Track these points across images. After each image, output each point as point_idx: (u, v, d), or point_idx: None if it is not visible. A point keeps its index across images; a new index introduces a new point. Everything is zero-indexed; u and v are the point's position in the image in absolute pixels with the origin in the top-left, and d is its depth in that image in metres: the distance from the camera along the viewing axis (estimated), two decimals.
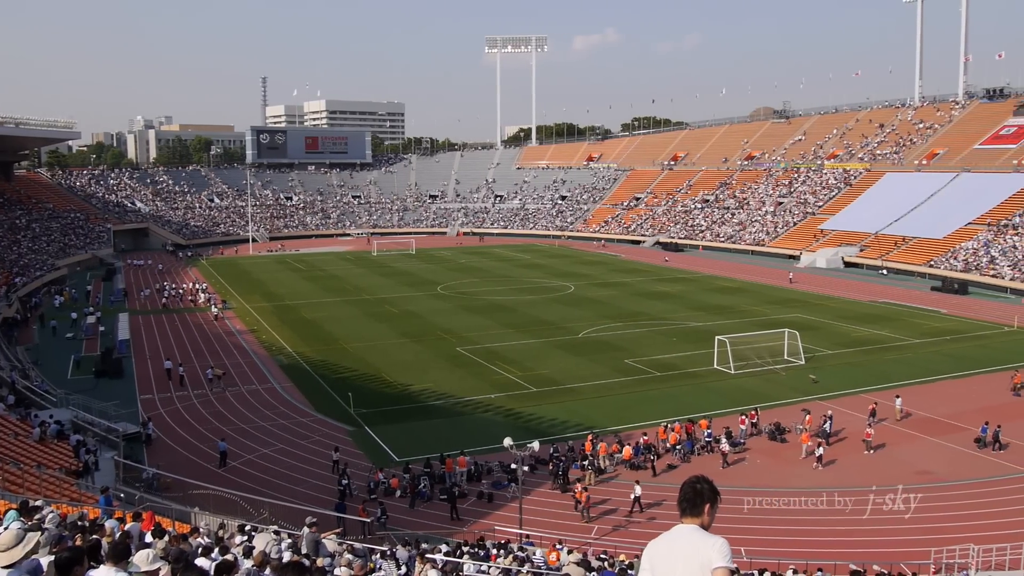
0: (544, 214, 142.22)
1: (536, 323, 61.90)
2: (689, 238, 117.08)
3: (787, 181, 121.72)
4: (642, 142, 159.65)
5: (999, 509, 29.19)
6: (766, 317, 62.56)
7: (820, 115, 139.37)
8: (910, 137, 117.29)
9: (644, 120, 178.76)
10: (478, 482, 32.20)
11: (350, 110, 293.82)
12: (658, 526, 28.56)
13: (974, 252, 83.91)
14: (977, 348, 53.96)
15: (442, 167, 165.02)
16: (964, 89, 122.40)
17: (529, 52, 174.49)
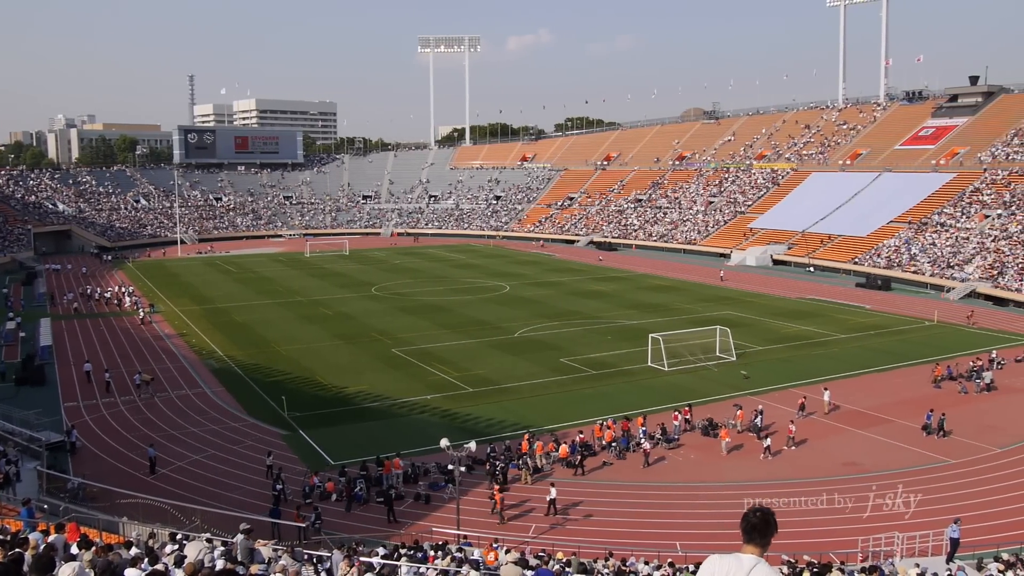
0: (479, 214, 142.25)
1: (472, 323, 61.86)
2: (623, 237, 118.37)
3: (717, 181, 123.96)
4: (575, 142, 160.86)
5: (922, 498, 30.17)
6: (698, 315, 63.59)
7: (748, 116, 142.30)
8: (834, 138, 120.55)
9: (577, 120, 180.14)
10: (415, 484, 32.03)
11: (281, 109, 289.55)
12: (594, 523, 28.83)
13: (896, 249, 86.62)
14: (900, 342, 55.72)
15: (375, 167, 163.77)
16: (885, 91, 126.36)
17: (462, 52, 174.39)
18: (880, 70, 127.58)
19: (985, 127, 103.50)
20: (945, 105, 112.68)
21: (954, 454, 34.71)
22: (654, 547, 26.02)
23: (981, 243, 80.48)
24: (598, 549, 25.53)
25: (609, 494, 31.43)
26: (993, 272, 74.41)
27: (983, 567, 23.31)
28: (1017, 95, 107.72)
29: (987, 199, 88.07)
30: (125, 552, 14.48)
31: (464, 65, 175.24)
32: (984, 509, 29.18)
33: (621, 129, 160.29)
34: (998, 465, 33.53)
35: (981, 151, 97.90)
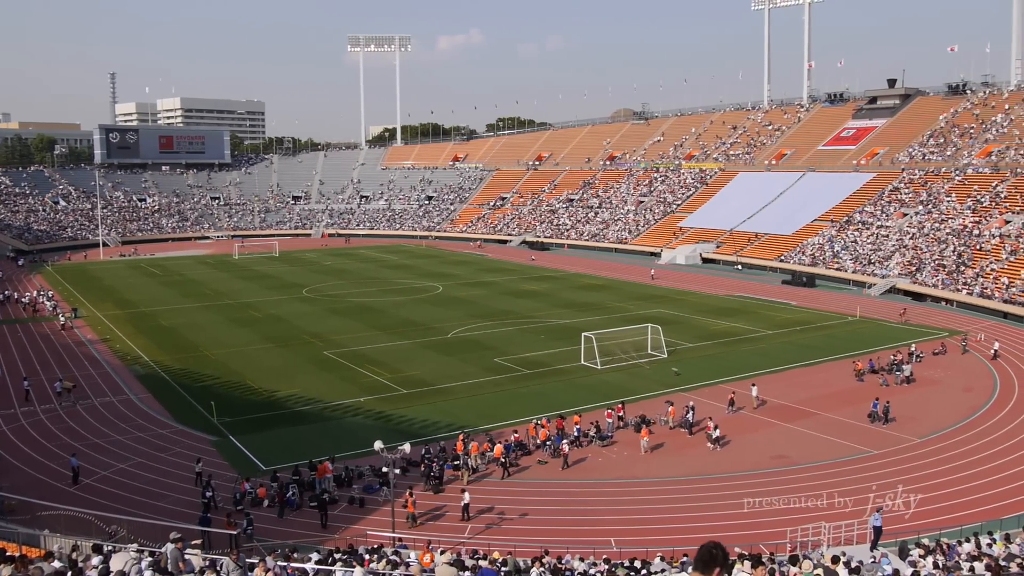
0: (411, 214, 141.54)
1: (405, 324, 61.52)
2: (555, 237, 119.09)
3: (647, 181, 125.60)
4: (507, 142, 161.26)
5: (847, 488, 31.06)
6: (630, 313, 64.35)
7: (677, 117, 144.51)
8: (760, 138, 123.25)
9: (509, 121, 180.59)
10: (348, 487, 31.71)
11: (207, 108, 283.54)
12: (529, 522, 28.93)
13: (820, 247, 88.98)
14: (824, 337, 57.25)
15: (305, 167, 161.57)
16: (808, 93, 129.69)
17: (392, 51, 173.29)
18: (803, 72, 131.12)
19: (903, 128, 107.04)
20: (865, 107, 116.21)
21: (876, 445, 35.81)
22: (589, 544, 26.24)
23: (900, 241, 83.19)
24: (534, 548, 25.63)
25: (544, 492, 31.59)
26: (911, 268, 76.98)
27: (906, 553, 24.09)
28: (932, 97, 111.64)
29: (905, 198, 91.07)
30: (47, 566, 14.02)
31: (395, 64, 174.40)
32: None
33: (552, 129, 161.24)
34: (919, 455, 34.71)
35: (899, 151, 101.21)
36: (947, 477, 32.17)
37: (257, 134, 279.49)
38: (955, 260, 74.91)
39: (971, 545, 23.68)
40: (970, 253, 75.09)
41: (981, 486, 31.27)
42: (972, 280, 70.34)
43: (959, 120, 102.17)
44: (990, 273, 70.21)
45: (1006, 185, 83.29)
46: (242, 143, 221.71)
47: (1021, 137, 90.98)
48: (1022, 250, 71.46)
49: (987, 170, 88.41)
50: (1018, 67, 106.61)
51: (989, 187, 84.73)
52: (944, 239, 79.64)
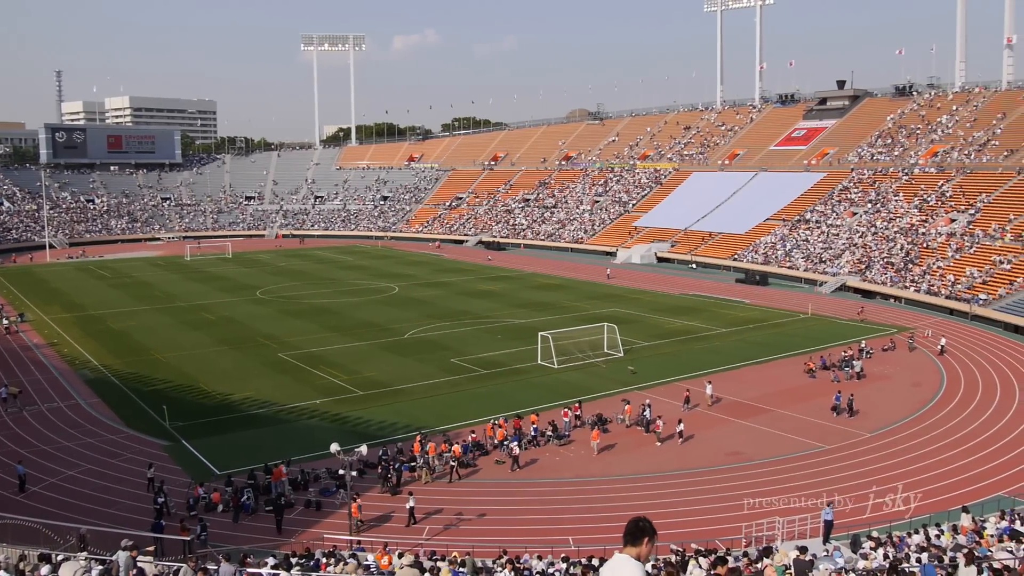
0: (366, 215, 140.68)
1: (361, 325, 61.12)
2: (511, 237, 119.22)
3: (603, 180, 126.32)
4: (463, 142, 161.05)
5: (800, 483, 31.57)
6: (586, 312, 64.65)
7: (632, 117, 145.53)
8: (713, 139, 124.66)
9: (464, 121, 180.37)
10: (305, 490, 31.40)
11: (157, 107, 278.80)
12: (487, 523, 28.92)
13: (772, 246, 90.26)
14: (777, 335, 58.08)
15: (258, 167, 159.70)
16: (760, 94, 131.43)
17: (347, 50, 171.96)
18: (755, 73, 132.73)
19: (852, 129, 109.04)
20: (815, 108, 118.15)
21: (828, 440, 36.42)
22: (547, 543, 26.29)
23: (850, 239, 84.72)
24: (492, 548, 25.62)
25: (501, 492, 31.60)
26: (861, 266, 78.44)
27: (858, 546, 24.52)
28: (880, 99, 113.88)
29: (855, 197, 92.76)
30: None
31: (349, 64, 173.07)
32: (856, 491, 30.72)
33: (508, 129, 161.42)
34: (869, 449, 35.38)
35: (848, 152, 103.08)
36: (897, 471, 32.81)
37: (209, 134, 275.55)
38: (903, 258, 76.50)
39: (920, 537, 24.19)
40: (917, 251, 76.75)
41: (930, 479, 31.95)
42: (919, 278, 71.88)
43: (906, 121, 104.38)
44: (936, 271, 71.81)
45: (951, 185, 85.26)
46: (193, 143, 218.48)
47: (965, 138, 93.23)
48: (967, 248, 73.20)
49: (933, 170, 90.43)
50: (962, 69, 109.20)
51: (935, 187, 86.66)
52: (892, 237, 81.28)
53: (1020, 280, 63.66)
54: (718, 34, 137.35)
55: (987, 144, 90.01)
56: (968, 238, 74.80)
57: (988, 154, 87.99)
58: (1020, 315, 58.90)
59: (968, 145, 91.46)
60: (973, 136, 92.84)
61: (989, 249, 71.24)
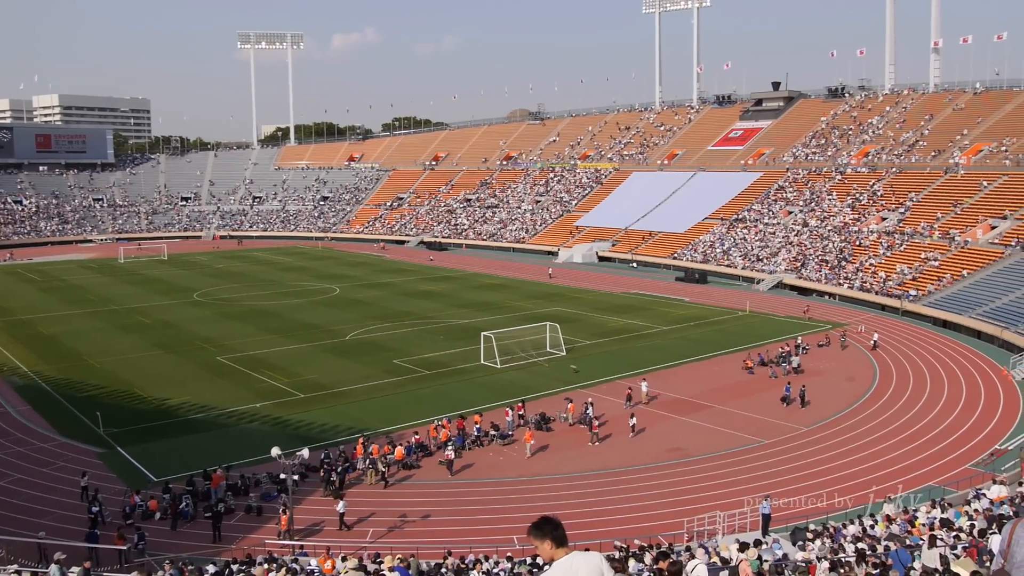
0: (306, 215, 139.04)
1: (301, 327, 60.40)
2: (453, 237, 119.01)
3: (544, 180, 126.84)
4: (403, 142, 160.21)
5: (739, 477, 32.13)
6: (528, 312, 64.83)
7: (572, 117, 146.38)
8: (652, 139, 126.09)
9: (405, 120, 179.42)
10: (245, 496, 30.90)
11: (88, 106, 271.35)
12: (431, 524, 28.82)
13: (711, 244, 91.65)
14: (716, 332, 58.99)
15: (194, 167, 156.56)
16: (698, 95, 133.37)
17: (284, 49, 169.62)
18: (693, 75, 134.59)
19: (787, 129, 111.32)
20: (751, 109, 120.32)
21: (766, 434, 37.12)
22: (492, 543, 26.30)
23: (786, 237, 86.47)
24: (437, 549, 25.54)
25: (445, 493, 31.52)
26: (797, 264, 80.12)
27: (797, 538, 25.03)
28: (814, 100, 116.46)
29: (790, 196, 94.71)
30: None
31: (287, 62, 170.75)
32: (794, 484, 31.39)
33: (449, 129, 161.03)
34: (806, 443, 36.16)
35: (784, 152, 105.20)
36: (833, 463, 33.61)
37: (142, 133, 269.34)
38: (837, 256, 78.34)
39: (856, 527, 24.79)
40: (850, 249, 78.67)
41: (865, 470, 32.79)
42: (853, 275, 73.70)
43: (838, 122, 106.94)
44: (869, 268, 73.71)
45: (882, 184, 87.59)
46: (126, 142, 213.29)
47: (895, 138, 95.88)
48: (897, 246, 75.27)
49: (864, 170, 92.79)
50: (891, 72, 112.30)
51: (867, 186, 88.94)
52: (826, 236, 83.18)
53: (948, 277, 65.70)
54: (656, 36, 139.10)
55: (915, 145, 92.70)
56: (898, 236, 76.92)
57: (917, 154, 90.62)
58: (948, 311, 60.77)
59: (898, 146, 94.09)
60: (902, 137, 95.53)
61: (918, 246, 73.37)
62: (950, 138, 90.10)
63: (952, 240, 71.35)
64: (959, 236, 71.36)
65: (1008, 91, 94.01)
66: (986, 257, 66.41)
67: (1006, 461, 33.09)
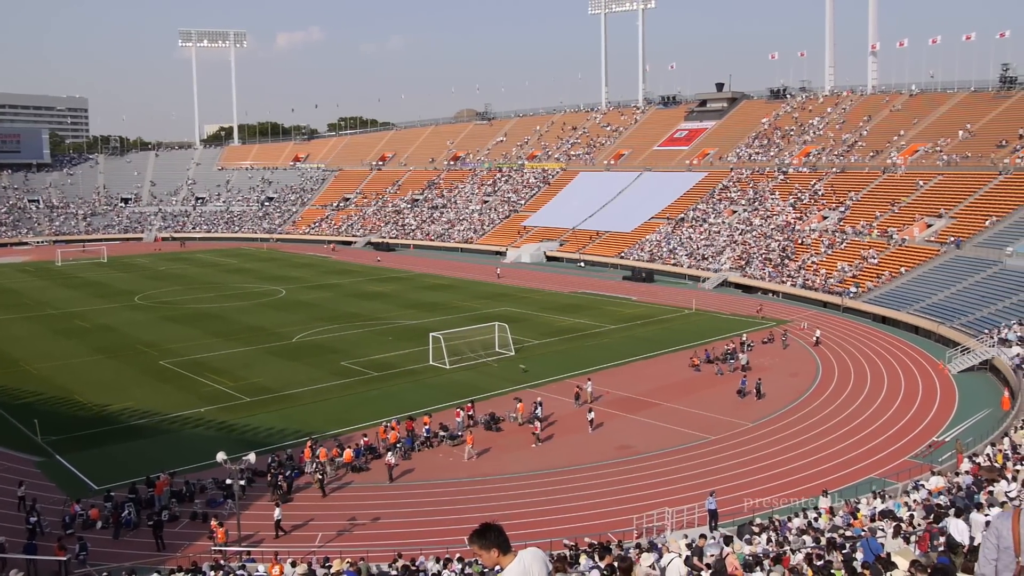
0: (250, 216, 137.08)
1: (247, 330, 59.54)
2: (400, 237, 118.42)
3: (491, 180, 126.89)
4: (350, 142, 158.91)
5: (686, 474, 32.53)
6: (477, 312, 64.79)
7: (519, 118, 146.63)
8: (599, 139, 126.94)
9: (351, 120, 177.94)
10: (190, 502, 30.36)
11: (22, 104, 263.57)
12: (381, 526, 28.63)
13: (657, 244, 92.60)
14: (663, 330, 59.62)
15: (135, 168, 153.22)
16: (643, 96, 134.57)
17: (227, 47, 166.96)
18: (638, 75, 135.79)
19: (730, 130, 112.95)
20: (696, 109, 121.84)
21: (713, 431, 37.63)
22: (442, 544, 26.22)
23: (730, 236, 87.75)
24: (387, 552, 25.40)
25: (394, 495, 31.36)
26: (741, 263, 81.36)
27: (744, 532, 25.40)
28: (756, 101, 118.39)
29: (734, 196, 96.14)
30: None
31: (230, 61, 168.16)
32: (740, 479, 31.88)
33: (396, 129, 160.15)
34: (751, 438, 36.74)
35: (728, 152, 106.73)
36: (778, 458, 34.23)
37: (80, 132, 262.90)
38: (780, 254, 79.73)
39: (800, 520, 25.26)
40: (793, 247, 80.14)
41: (808, 464, 33.46)
42: (795, 272, 75.08)
43: (780, 123, 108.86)
44: (811, 266, 75.17)
45: (823, 184, 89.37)
46: (63, 142, 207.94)
47: (835, 139, 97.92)
48: (838, 244, 76.89)
49: (806, 169, 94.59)
50: (831, 74, 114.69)
51: (808, 185, 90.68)
52: (770, 234, 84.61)
53: (887, 274, 67.30)
54: (602, 36, 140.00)
55: (855, 145, 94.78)
56: (839, 234, 78.57)
57: (856, 155, 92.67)
58: (887, 307, 62.26)
59: (838, 146, 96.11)
60: (842, 138, 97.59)
61: (858, 245, 75.03)
62: (888, 139, 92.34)
63: (890, 238, 73.12)
64: (897, 234, 73.16)
65: (942, 93, 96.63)
66: (923, 255, 68.20)
67: (943, 452, 34.02)
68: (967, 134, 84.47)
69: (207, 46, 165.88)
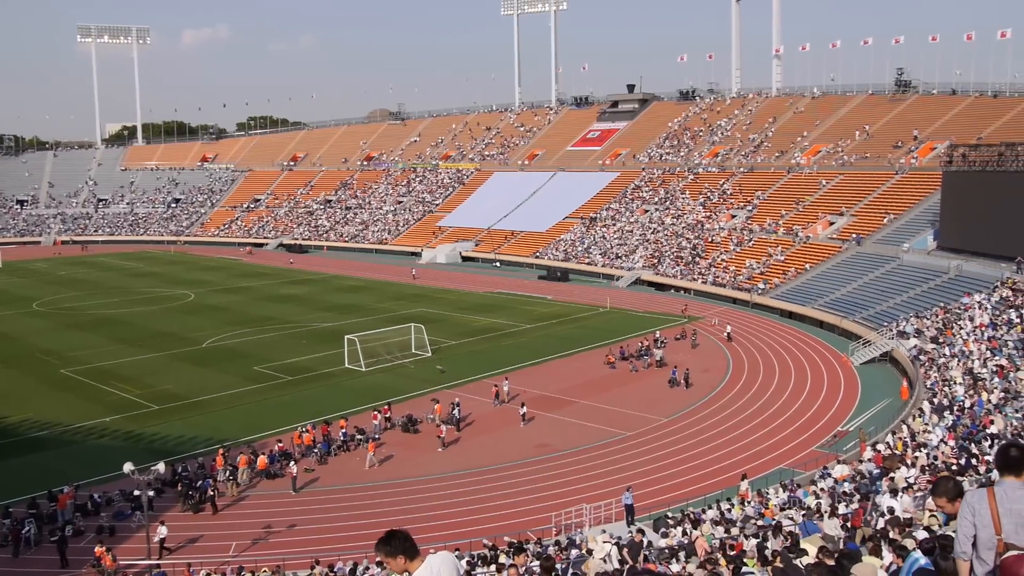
0: (156, 218, 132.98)
1: (154, 336, 57.75)
2: (314, 239, 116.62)
3: (405, 181, 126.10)
4: (260, 142, 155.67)
5: (603, 470, 32.92)
6: (393, 313, 64.28)
7: (433, 118, 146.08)
8: (513, 139, 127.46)
9: (261, 120, 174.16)
10: (96, 516, 29.24)
11: None
12: (297, 533, 28.14)
13: (572, 243, 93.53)
14: (578, 329, 60.23)
15: (31, 168, 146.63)
16: (556, 96, 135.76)
17: (129, 43, 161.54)
18: (551, 76, 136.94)
19: (642, 130, 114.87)
20: (608, 110, 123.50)
21: (629, 427, 38.19)
22: (360, 549, 25.91)
23: (643, 235, 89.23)
24: (305, 558, 24.98)
25: (311, 501, 30.86)
26: (654, 261, 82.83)
27: (660, 526, 25.86)
28: (667, 102, 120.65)
29: (646, 195, 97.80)
30: None
31: (133, 58, 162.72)
32: (655, 474, 32.46)
33: (307, 129, 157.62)
34: (665, 433, 37.45)
35: (639, 152, 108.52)
36: (692, 451, 34.96)
37: None
38: (691, 252, 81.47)
39: (714, 511, 25.85)
40: (703, 245, 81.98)
41: (721, 457, 34.27)
42: (706, 270, 76.83)
43: (690, 124, 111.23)
44: (721, 263, 77.03)
45: (731, 183, 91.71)
46: None
47: (742, 140, 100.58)
48: (746, 242, 79.00)
49: (715, 169, 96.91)
50: (737, 76, 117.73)
51: (717, 185, 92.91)
52: (681, 233, 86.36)
53: (792, 270, 69.45)
54: (515, 37, 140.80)
55: (761, 146, 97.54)
56: (747, 233, 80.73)
57: (762, 155, 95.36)
58: (793, 302, 64.26)
59: (745, 146, 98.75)
60: (749, 138, 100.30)
61: (765, 242, 77.23)
62: (792, 139, 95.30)
63: (795, 236, 75.48)
64: (801, 232, 75.57)
65: (842, 96, 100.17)
66: (826, 251, 70.63)
67: (848, 442, 35.30)
68: (865, 135, 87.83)
69: (108, 42, 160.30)
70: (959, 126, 79.20)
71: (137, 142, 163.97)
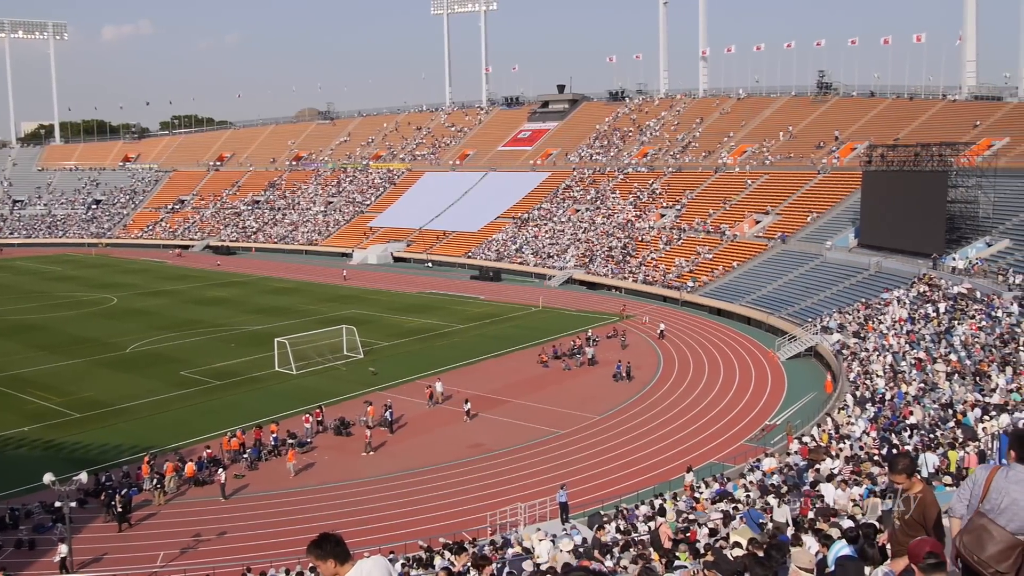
0: (76, 220, 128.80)
1: (74, 341, 55.95)
2: (241, 240, 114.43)
3: (335, 181, 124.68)
4: (184, 142, 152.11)
5: (537, 468, 33.06)
6: (324, 315, 63.50)
7: (363, 117, 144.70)
8: (444, 139, 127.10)
9: (185, 119, 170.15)
10: (15, 530, 28.18)
11: None
12: (228, 540, 27.59)
13: (504, 243, 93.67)
14: (512, 328, 60.36)
15: None
16: (487, 97, 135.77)
17: (46, 39, 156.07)
18: (482, 76, 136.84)
19: (572, 131, 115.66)
20: (538, 110, 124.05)
21: (563, 425, 38.41)
22: (293, 555, 25.51)
23: (574, 235, 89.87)
24: (235, 567, 24.47)
25: (242, 508, 30.29)
26: (585, 260, 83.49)
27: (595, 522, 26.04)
28: (596, 103, 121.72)
29: (577, 195, 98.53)
30: None
31: (49, 54, 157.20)
32: (589, 471, 32.71)
33: (234, 128, 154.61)
34: (599, 431, 37.77)
35: (570, 152, 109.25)
36: (625, 448, 35.34)
37: None
38: (621, 251, 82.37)
39: (647, 507, 26.14)
40: (634, 244, 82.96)
41: (653, 453, 34.75)
42: (636, 269, 77.76)
43: (619, 124, 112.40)
44: (651, 262, 78.05)
45: (660, 183, 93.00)
46: None
47: (671, 140, 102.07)
48: (675, 241, 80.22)
49: (644, 169, 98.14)
50: (665, 78, 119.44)
51: (647, 184, 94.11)
52: (611, 232, 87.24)
53: (720, 268, 70.77)
54: (445, 37, 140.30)
55: (689, 146, 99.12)
56: (676, 231, 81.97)
57: (690, 155, 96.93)
58: (721, 299, 65.48)
59: (673, 147, 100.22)
60: (677, 138, 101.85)
61: (694, 241, 78.54)
62: (719, 140, 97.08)
63: (723, 234, 76.92)
64: (729, 231, 77.05)
65: (766, 97, 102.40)
66: (752, 249, 72.15)
67: (775, 435, 36.12)
68: (789, 136, 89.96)
69: (23, 37, 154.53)
70: (878, 127, 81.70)
71: (55, 141, 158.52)
